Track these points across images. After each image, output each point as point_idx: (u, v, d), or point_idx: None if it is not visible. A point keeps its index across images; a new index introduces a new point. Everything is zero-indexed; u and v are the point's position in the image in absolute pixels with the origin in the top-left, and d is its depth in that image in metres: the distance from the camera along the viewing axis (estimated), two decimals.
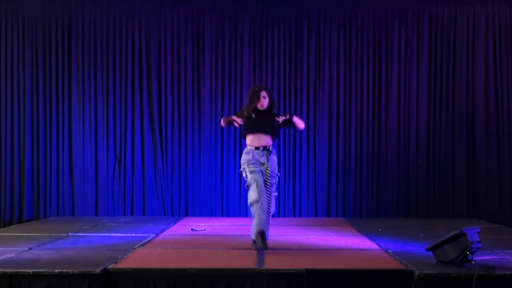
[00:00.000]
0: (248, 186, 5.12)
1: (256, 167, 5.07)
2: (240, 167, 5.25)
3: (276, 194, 5.35)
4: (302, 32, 7.99)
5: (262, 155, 5.12)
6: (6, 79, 7.89)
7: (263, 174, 5.11)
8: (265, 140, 5.14)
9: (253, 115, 5.16)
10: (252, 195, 5.01)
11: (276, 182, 5.28)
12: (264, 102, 5.17)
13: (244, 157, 5.17)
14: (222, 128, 7.93)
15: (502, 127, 7.89)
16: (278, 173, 5.34)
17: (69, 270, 4.04)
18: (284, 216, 7.89)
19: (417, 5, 8.01)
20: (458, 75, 7.98)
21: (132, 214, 7.91)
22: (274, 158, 5.20)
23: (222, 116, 7.91)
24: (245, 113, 5.19)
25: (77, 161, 7.88)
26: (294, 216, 7.91)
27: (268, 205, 5.06)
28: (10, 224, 7.61)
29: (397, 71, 8.01)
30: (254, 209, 5.01)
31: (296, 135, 7.97)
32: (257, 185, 4.99)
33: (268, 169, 5.11)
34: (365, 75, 8.01)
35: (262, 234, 4.91)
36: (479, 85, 7.96)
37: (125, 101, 7.97)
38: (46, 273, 4.02)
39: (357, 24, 8.01)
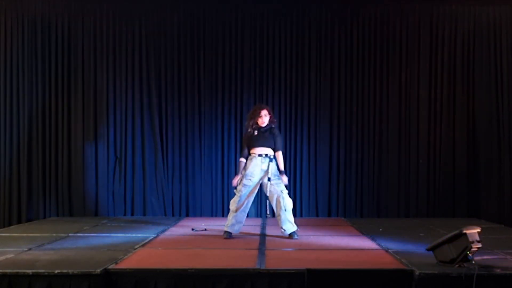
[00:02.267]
0: (235, 191, 5.86)
1: (251, 181, 5.76)
2: (243, 171, 5.86)
3: (287, 191, 5.87)
4: (303, 32, 7.98)
5: (264, 162, 5.76)
6: (5, 79, 7.87)
7: (263, 183, 5.82)
8: (266, 151, 5.82)
9: (255, 132, 5.85)
10: (232, 204, 5.82)
11: (282, 182, 5.84)
12: (265, 119, 5.87)
13: (248, 163, 5.84)
14: (222, 127, 7.95)
15: (502, 127, 7.87)
16: (280, 175, 5.89)
17: (69, 271, 4.04)
18: None
19: (417, 5, 8.01)
20: (459, 75, 7.98)
21: (132, 214, 7.90)
22: (274, 164, 5.83)
23: (222, 115, 7.94)
24: (249, 133, 5.88)
25: (77, 161, 7.87)
26: (295, 216, 7.83)
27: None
28: (10, 224, 7.60)
29: (398, 71, 8.01)
30: (230, 214, 5.82)
31: (297, 135, 7.97)
32: (238, 200, 5.76)
33: (270, 172, 5.72)
34: (366, 75, 8.00)
35: (229, 234, 5.78)
36: (480, 85, 7.96)
37: (125, 101, 7.96)
38: (46, 273, 4.02)
39: (358, 25, 8.01)
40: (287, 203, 5.78)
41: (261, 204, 7.64)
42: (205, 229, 6.45)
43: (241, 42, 8.00)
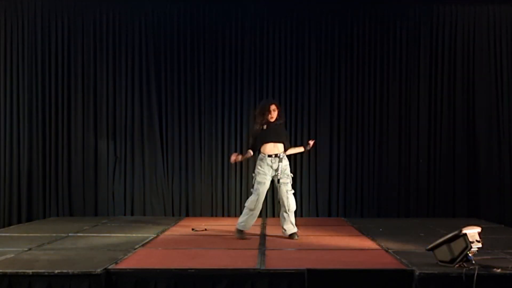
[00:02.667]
0: (252, 191, 5.77)
1: (266, 178, 5.71)
2: (255, 170, 5.81)
3: (293, 191, 5.86)
4: (303, 32, 7.98)
5: (274, 162, 5.72)
6: (5, 79, 7.87)
7: (273, 180, 5.77)
8: (277, 148, 5.77)
9: (265, 127, 5.80)
10: (251, 204, 5.72)
11: (291, 182, 5.82)
12: (274, 114, 5.80)
13: (258, 163, 5.78)
14: (222, 127, 7.95)
15: (502, 127, 7.88)
16: (291, 174, 5.88)
17: (69, 271, 4.04)
18: None
19: (417, 5, 8.01)
20: (459, 75, 7.98)
21: (132, 214, 7.89)
22: (285, 162, 5.79)
23: (222, 115, 7.93)
24: (258, 127, 5.82)
25: (77, 161, 7.87)
26: (295, 216, 7.88)
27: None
28: (10, 224, 7.60)
29: (398, 71, 8.01)
30: (246, 213, 5.77)
31: (297, 134, 7.96)
32: (257, 199, 5.69)
33: (280, 171, 5.69)
34: (366, 75, 8.00)
35: (241, 232, 5.77)
36: (480, 85, 7.96)
37: (125, 100, 7.96)
38: (46, 273, 4.02)
39: (358, 24, 8.00)
40: (291, 203, 5.78)
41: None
42: (205, 229, 6.45)
43: (241, 42, 8.00)
